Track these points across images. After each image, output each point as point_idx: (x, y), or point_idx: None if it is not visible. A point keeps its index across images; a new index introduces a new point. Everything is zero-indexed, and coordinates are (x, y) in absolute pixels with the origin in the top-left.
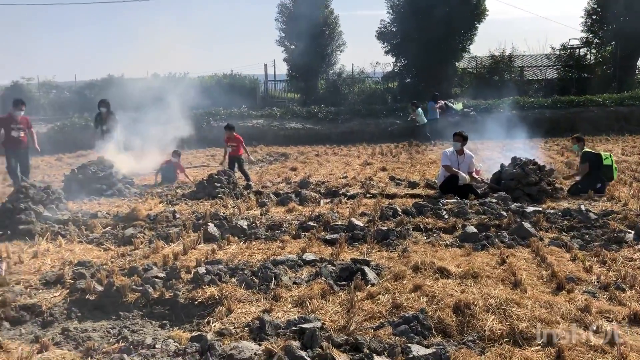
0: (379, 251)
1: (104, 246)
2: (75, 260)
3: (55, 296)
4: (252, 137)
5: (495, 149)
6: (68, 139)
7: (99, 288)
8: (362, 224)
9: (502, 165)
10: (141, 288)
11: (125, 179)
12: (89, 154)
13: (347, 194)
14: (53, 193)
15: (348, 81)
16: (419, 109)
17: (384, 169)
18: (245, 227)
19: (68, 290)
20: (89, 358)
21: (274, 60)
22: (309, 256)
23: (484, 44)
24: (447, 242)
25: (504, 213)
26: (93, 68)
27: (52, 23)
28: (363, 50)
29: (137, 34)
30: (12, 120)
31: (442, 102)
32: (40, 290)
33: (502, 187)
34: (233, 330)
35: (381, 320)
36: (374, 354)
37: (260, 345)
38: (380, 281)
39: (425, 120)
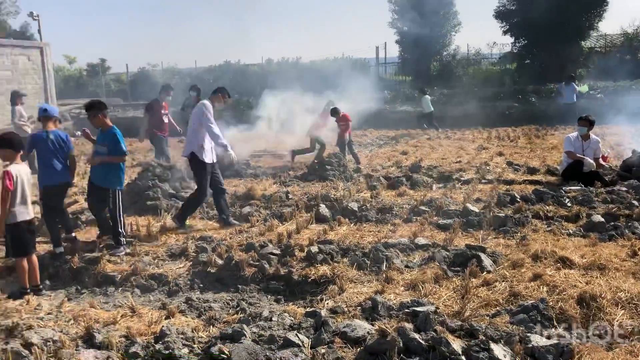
0: (495, 238)
1: None
2: (198, 235)
3: (179, 267)
4: (362, 120)
5: (625, 135)
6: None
7: (219, 262)
8: (477, 210)
9: (633, 152)
10: (258, 263)
11: (243, 160)
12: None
13: (461, 178)
14: (177, 172)
15: (463, 62)
16: (426, 96)
17: (500, 154)
18: (356, 209)
19: (191, 263)
20: (211, 326)
21: (385, 43)
22: (421, 240)
23: (615, 20)
24: (570, 231)
25: (636, 202)
26: (211, 54)
27: (174, 13)
28: (479, 31)
29: (251, 21)
30: (162, 105)
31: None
32: (167, 262)
33: (633, 174)
34: (345, 309)
35: (497, 308)
36: (490, 341)
37: (373, 325)
38: (497, 269)
39: (432, 109)
